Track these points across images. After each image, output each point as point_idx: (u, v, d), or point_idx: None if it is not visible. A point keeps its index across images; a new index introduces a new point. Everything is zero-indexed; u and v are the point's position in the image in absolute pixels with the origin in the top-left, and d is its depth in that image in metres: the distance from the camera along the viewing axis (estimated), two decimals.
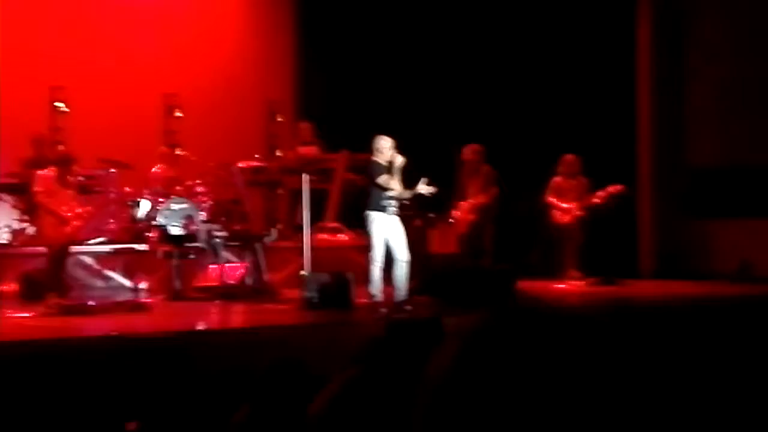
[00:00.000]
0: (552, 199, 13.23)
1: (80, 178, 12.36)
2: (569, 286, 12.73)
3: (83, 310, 9.91)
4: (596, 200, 12.95)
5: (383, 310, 10.02)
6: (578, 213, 13.04)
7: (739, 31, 13.85)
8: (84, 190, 12.53)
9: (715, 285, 12.47)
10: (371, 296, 10.20)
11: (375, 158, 10.25)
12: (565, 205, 13.13)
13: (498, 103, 14.70)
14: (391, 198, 10.17)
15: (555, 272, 13.20)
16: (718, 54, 14.09)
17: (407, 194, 10.38)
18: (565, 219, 13.12)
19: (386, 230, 10.17)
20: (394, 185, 10.12)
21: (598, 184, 12.95)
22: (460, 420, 1.14)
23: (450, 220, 12.86)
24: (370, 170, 10.32)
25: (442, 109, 14.74)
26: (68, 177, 11.12)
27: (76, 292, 11.23)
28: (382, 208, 10.15)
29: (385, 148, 10.21)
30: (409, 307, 10.02)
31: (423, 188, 10.31)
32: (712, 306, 10.23)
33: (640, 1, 14.56)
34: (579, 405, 1.14)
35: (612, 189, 12.87)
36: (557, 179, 13.23)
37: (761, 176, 13.54)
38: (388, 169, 10.16)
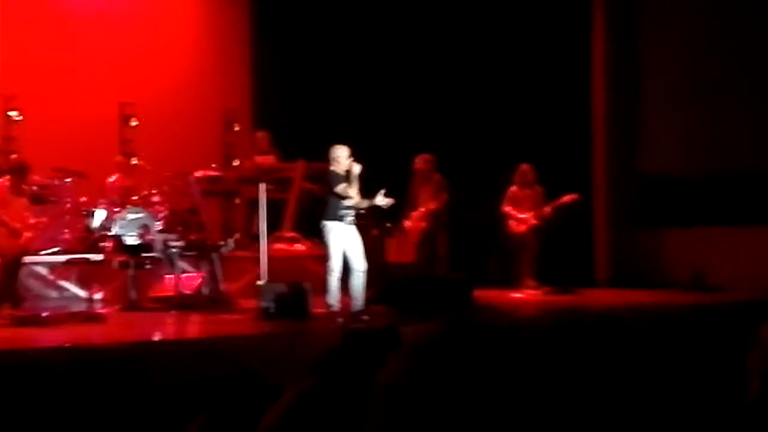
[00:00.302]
0: (508, 209, 13.30)
1: (34, 188, 12.26)
2: (526, 295, 12.80)
3: (37, 321, 9.80)
4: (551, 210, 13.04)
5: (340, 320, 10.01)
6: (533, 222, 13.12)
7: (691, 42, 14.01)
8: (38, 200, 12.42)
9: (669, 293, 12.58)
10: (329, 306, 10.18)
11: (332, 168, 10.24)
12: (521, 215, 13.20)
13: (454, 112, 14.77)
14: (348, 207, 10.17)
15: (511, 281, 13.27)
16: (671, 64, 14.24)
17: (365, 204, 10.39)
18: (521, 228, 13.19)
19: (343, 240, 10.17)
20: (352, 193, 10.13)
21: (554, 194, 13.05)
22: (412, 429, 1.14)
23: (403, 229, 12.89)
24: (327, 180, 10.32)
25: (397, 118, 14.78)
26: (22, 186, 11.01)
27: (29, 303, 11.11)
28: (340, 218, 10.14)
29: (342, 157, 10.21)
30: (365, 317, 10.01)
31: (380, 200, 10.35)
32: (666, 314, 10.33)
33: (594, 11, 14.68)
34: (532, 414, 1.14)
35: (566, 198, 12.98)
36: (513, 189, 13.31)
37: (714, 184, 13.70)
38: (346, 177, 10.16)
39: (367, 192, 10.35)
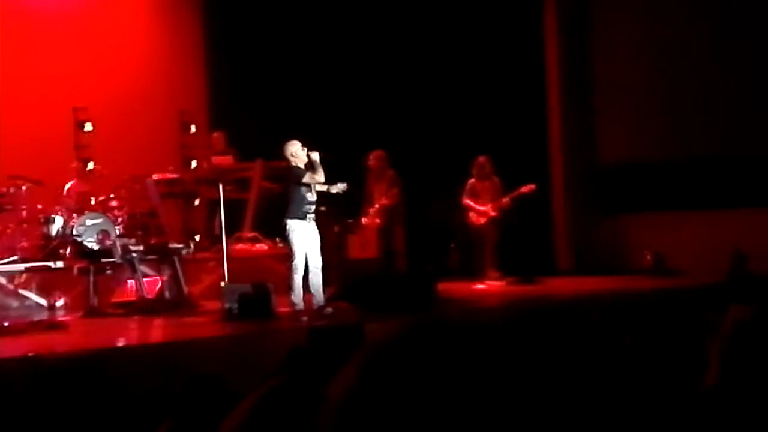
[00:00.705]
0: (468, 201, 13.35)
1: None
2: (489, 286, 12.85)
3: None
4: (509, 200, 13.10)
5: (305, 318, 9.99)
6: (492, 214, 13.18)
7: (643, 29, 14.12)
8: None
9: (630, 279, 12.69)
10: (293, 305, 10.17)
11: (294, 164, 10.23)
12: (480, 207, 13.25)
13: (410, 106, 14.79)
14: (311, 203, 10.18)
15: (474, 273, 13.32)
16: (623, 52, 14.35)
17: (323, 189, 10.42)
18: (481, 220, 13.25)
19: (305, 237, 10.16)
20: (320, 178, 10.17)
21: (513, 184, 13.10)
22: None
23: (362, 225, 12.91)
24: (290, 176, 10.29)
25: (352, 114, 14.78)
26: None
27: None
28: (303, 216, 10.14)
29: (297, 151, 10.22)
30: (329, 310, 10.02)
31: (335, 187, 10.37)
32: (627, 300, 10.40)
33: (546, 1, 14.76)
34: (501, 412, 1.14)
35: (524, 189, 13.05)
36: (471, 181, 13.37)
37: (672, 170, 13.82)
38: (309, 168, 10.17)
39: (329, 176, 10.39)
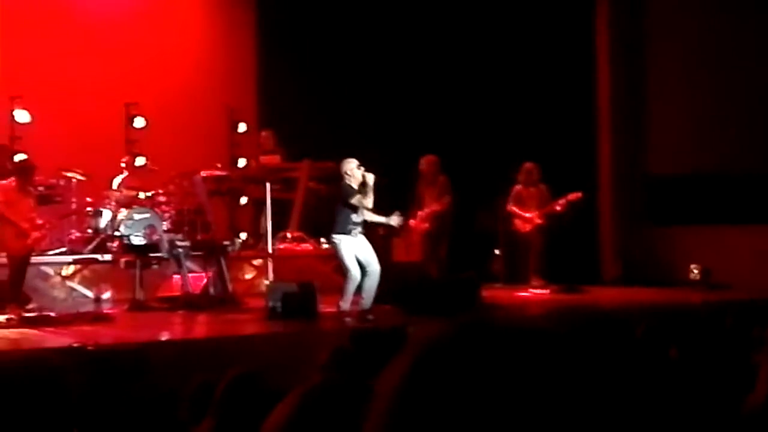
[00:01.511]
0: (513, 208, 13.29)
1: (41, 188, 12.26)
2: (533, 294, 12.78)
3: (44, 322, 9.80)
4: (556, 208, 13.03)
5: (348, 319, 10.00)
6: (538, 221, 13.11)
7: (700, 40, 13.98)
8: (45, 200, 12.42)
9: (676, 291, 12.56)
10: (339, 308, 10.19)
11: (347, 182, 10.23)
12: (526, 214, 13.19)
13: (459, 111, 14.76)
14: (357, 222, 10.17)
15: (518, 280, 13.26)
16: (677, 61, 14.22)
17: (380, 220, 10.44)
18: (526, 227, 13.19)
19: (354, 249, 10.17)
20: (368, 203, 10.12)
21: (560, 192, 13.03)
22: None
23: (409, 229, 12.89)
24: (341, 193, 10.29)
25: (401, 117, 14.78)
26: (28, 187, 11.02)
27: (37, 304, 11.12)
28: (348, 231, 10.15)
29: (353, 170, 10.20)
30: (371, 317, 10.01)
31: (394, 220, 10.44)
32: (674, 313, 10.30)
33: (599, 9, 14.67)
34: (542, 417, 1.14)
35: (571, 196, 12.97)
36: (518, 188, 13.30)
37: (721, 183, 13.68)
38: (361, 189, 10.15)
39: (380, 202, 10.36)
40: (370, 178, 10.14)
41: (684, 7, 14.22)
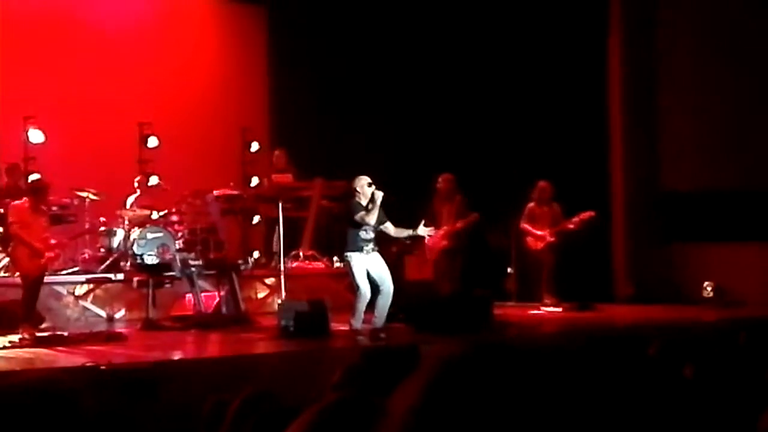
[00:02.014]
0: (525, 226, 13.27)
1: (54, 208, 12.29)
2: (545, 312, 12.75)
3: (57, 341, 9.82)
4: (569, 226, 13.00)
5: (360, 338, 9.99)
6: (551, 239, 13.08)
7: (712, 58, 13.97)
8: (58, 220, 12.46)
9: (690, 309, 12.51)
10: (352, 327, 10.17)
11: (356, 199, 10.24)
12: (538, 232, 13.17)
13: (474, 130, 14.78)
14: (367, 239, 10.16)
15: (531, 298, 13.23)
16: (690, 79, 14.20)
17: (405, 234, 10.45)
18: (539, 245, 13.16)
19: (367, 267, 10.16)
20: (371, 220, 10.10)
21: (573, 210, 13.00)
22: None
23: (423, 246, 12.87)
24: (348, 210, 10.32)
25: (413, 136, 14.80)
26: (42, 207, 11.05)
27: (50, 323, 11.14)
28: (359, 249, 10.14)
29: (363, 188, 10.20)
30: (383, 335, 9.99)
31: (422, 230, 10.44)
32: (688, 330, 10.26)
33: (611, 27, 14.68)
34: None
35: (584, 215, 12.93)
36: (531, 205, 13.29)
37: (734, 201, 13.64)
38: (367, 207, 10.15)
39: (396, 218, 10.36)
40: (378, 195, 10.14)
41: (696, 25, 14.22)
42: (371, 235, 10.19)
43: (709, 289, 13.39)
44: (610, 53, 14.71)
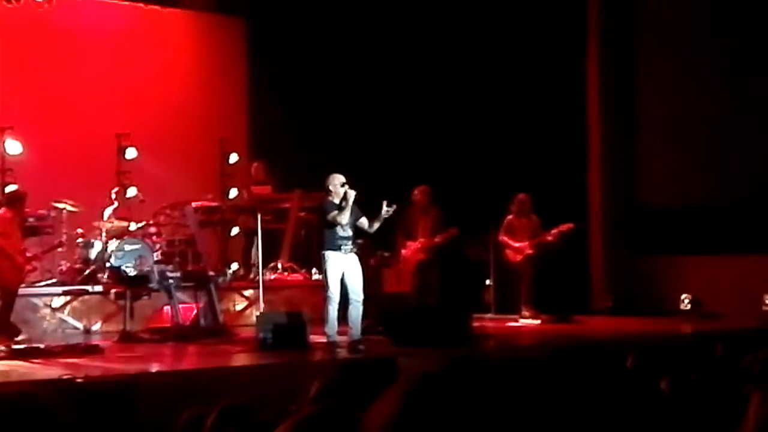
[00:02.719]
0: (504, 238, 13.29)
1: (31, 219, 12.23)
2: (523, 324, 12.78)
3: (34, 354, 9.76)
4: (548, 238, 13.03)
5: (339, 350, 9.98)
6: (529, 252, 13.11)
7: (690, 74, 14.06)
8: (35, 231, 12.40)
9: (667, 321, 12.57)
10: (327, 336, 10.15)
11: (329, 198, 10.24)
12: (516, 244, 13.19)
13: (452, 143, 14.81)
14: (344, 237, 10.16)
15: (509, 310, 13.25)
16: (668, 94, 14.29)
17: (376, 225, 10.35)
18: (517, 258, 13.18)
19: (342, 269, 10.15)
20: (343, 219, 10.09)
21: (552, 222, 13.04)
22: None
23: (400, 258, 12.89)
24: (322, 209, 10.34)
25: (392, 147, 14.81)
26: (17, 218, 10.99)
27: (26, 335, 11.07)
28: (337, 247, 10.14)
29: (336, 186, 10.21)
30: (362, 347, 9.98)
31: (385, 211, 10.27)
32: (665, 342, 10.30)
33: (589, 42, 14.76)
34: None
35: (562, 227, 12.96)
36: (510, 218, 13.31)
37: (710, 214, 13.72)
38: (340, 205, 10.15)
39: (371, 213, 10.34)
40: (351, 194, 10.15)
41: (675, 41, 14.31)
42: (348, 233, 10.19)
43: (686, 301, 13.45)
44: (588, 67, 14.79)
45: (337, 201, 10.17)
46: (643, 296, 13.94)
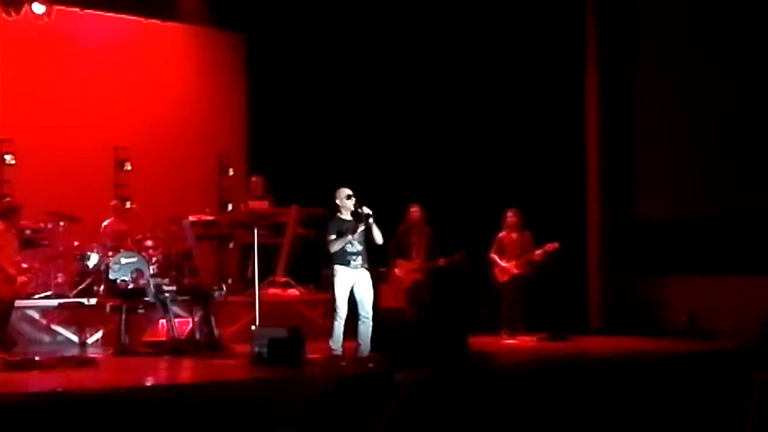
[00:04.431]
0: (493, 256, 13.22)
1: (27, 232, 12.23)
2: (519, 342, 12.73)
3: (29, 366, 9.73)
4: (535, 258, 12.96)
5: (342, 364, 9.96)
6: (515, 271, 13.03)
7: (688, 89, 14.07)
8: (31, 244, 12.39)
9: (663, 341, 12.55)
10: (332, 351, 10.14)
11: (338, 214, 10.22)
12: (503, 264, 13.10)
13: (449, 158, 14.82)
14: (350, 254, 10.15)
15: (504, 328, 13.19)
16: (664, 108, 14.30)
17: (376, 233, 10.24)
18: (504, 278, 13.11)
19: (351, 284, 10.14)
20: (334, 247, 10.07)
21: (546, 239, 12.97)
22: None
23: (394, 275, 12.88)
24: (325, 227, 10.33)
25: (391, 164, 14.82)
26: (12, 229, 10.98)
27: (21, 347, 11.05)
28: (347, 262, 10.14)
29: (344, 200, 10.21)
30: (371, 365, 9.94)
31: (364, 214, 10.19)
32: (661, 361, 10.29)
33: (588, 55, 14.77)
34: None
35: (548, 246, 12.86)
36: (501, 234, 13.25)
37: (708, 231, 13.70)
38: (354, 220, 10.12)
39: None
40: (366, 213, 10.10)
41: (673, 55, 14.32)
42: (358, 248, 10.18)
43: (682, 319, 13.42)
44: (586, 81, 14.80)
45: (344, 215, 10.18)
46: (640, 315, 13.91)
